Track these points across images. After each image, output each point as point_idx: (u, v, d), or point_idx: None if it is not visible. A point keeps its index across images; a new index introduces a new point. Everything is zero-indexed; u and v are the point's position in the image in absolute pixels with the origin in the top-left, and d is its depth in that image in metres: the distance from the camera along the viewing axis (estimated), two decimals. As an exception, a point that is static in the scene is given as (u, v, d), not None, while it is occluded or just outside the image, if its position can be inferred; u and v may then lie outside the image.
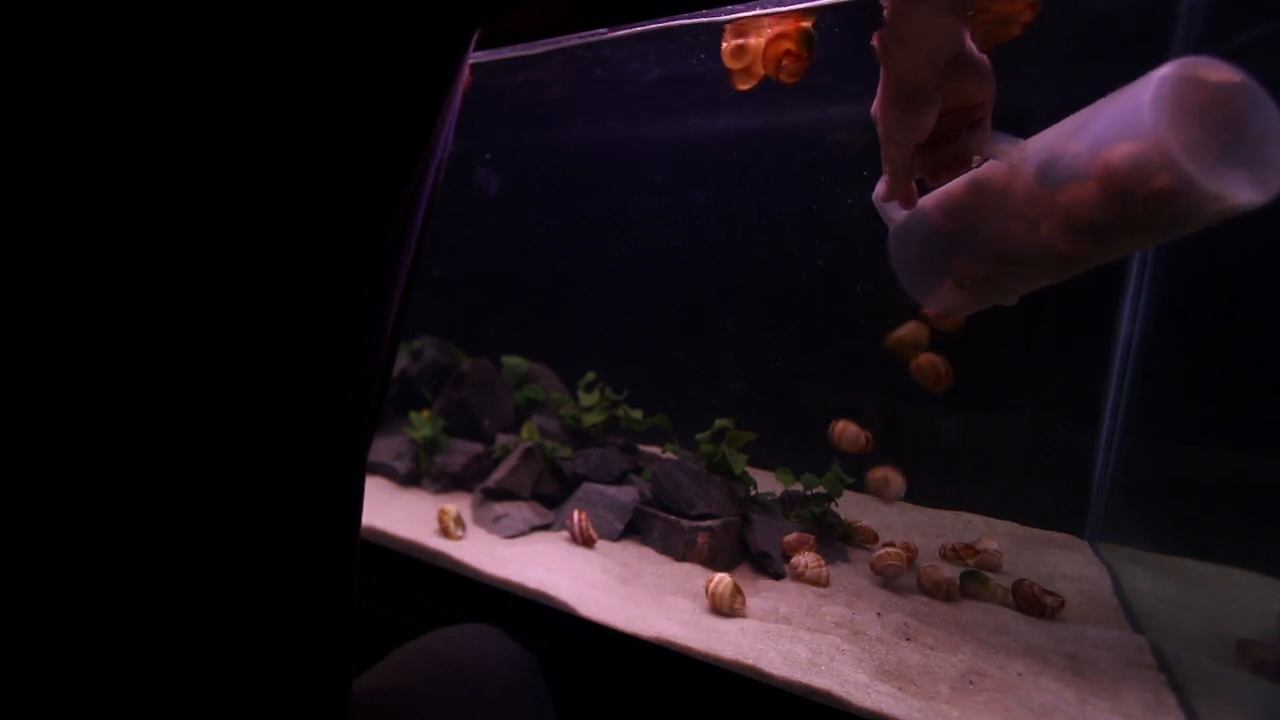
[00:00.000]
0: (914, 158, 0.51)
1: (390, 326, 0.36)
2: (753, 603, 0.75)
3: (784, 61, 0.67)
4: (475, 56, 0.74)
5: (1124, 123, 0.42)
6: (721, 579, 0.74)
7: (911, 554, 0.82)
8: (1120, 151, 0.42)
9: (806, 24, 0.66)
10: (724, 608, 0.72)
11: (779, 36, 0.67)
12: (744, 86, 0.66)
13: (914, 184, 0.54)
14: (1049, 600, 0.72)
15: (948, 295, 0.56)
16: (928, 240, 0.55)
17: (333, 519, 0.33)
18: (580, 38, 0.71)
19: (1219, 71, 0.41)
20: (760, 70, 0.64)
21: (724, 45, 0.66)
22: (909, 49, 0.45)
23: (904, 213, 0.57)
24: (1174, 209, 0.40)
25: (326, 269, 0.29)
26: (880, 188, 0.55)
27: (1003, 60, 0.49)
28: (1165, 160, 0.39)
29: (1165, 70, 0.40)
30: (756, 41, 0.63)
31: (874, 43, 0.47)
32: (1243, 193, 0.39)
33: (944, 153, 0.50)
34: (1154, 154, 0.39)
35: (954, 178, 0.52)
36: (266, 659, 0.31)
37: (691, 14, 0.66)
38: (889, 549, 0.80)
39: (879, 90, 0.49)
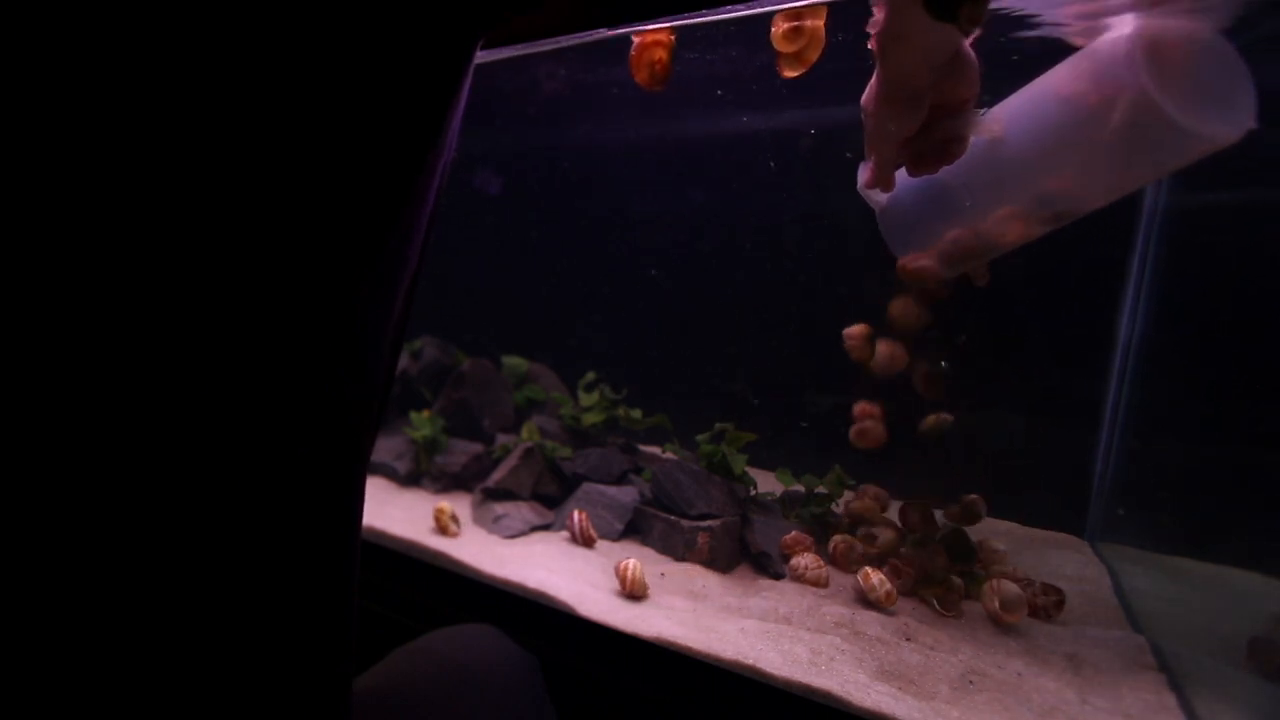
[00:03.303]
0: (898, 149, 0.53)
1: (392, 328, 0.36)
2: (752, 603, 0.75)
3: (656, 69, 0.69)
4: (479, 58, 0.74)
5: (1102, 75, 0.47)
6: (634, 564, 0.77)
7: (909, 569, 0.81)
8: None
9: (671, 35, 0.69)
10: (639, 591, 0.75)
11: (654, 44, 0.69)
12: (792, 73, 0.64)
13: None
14: (1042, 602, 0.72)
15: (943, 259, 0.61)
16: (919, 209, 0.60)
17: (333, 519, 0.33)
18: (580, 38, 0.71)
19: (1183, 25, 0.45)
20: (812, 56, 0.63)
21: (774, 30, 0.64)
22: (908, 50, 0.45)
23: (886, 196, 0.60)
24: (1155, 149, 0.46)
25: (328, 270, 0.29)
26: (865, 176, 0.57)
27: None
28: (1148, 103, 0.44)
29: (1135, 25, 0.45)
30: (813, 24, 0.61)
31: (871, 45, 0.47)
32: (1217, 130, 0.44)
33: (927, 141, 0.51)
34: (1136, 100, 0.45)
35: (937, 167, 0.53)
36: (266, 659, 0.31)
37: (691, 14, 0.65)
38: (806, 557, 0.81)
39: (871, 85, 0.50)
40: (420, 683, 0.44)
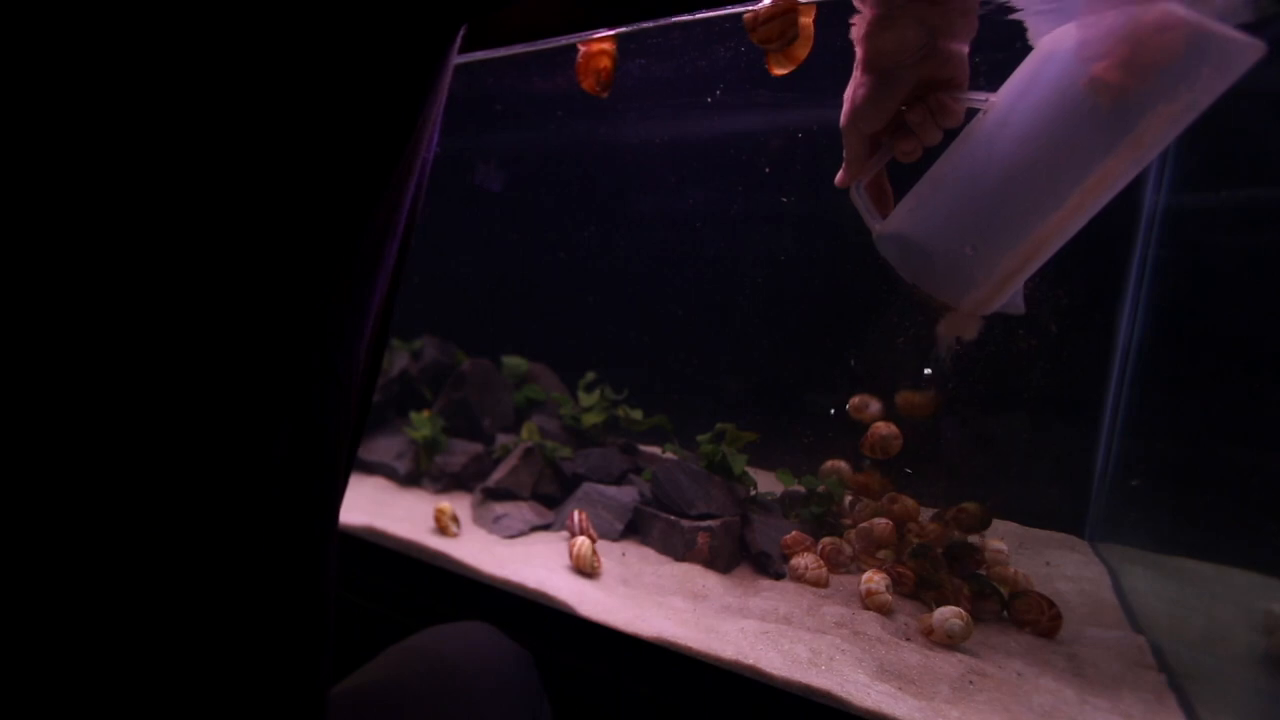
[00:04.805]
0: (877, 141, 0.53)
1: (370, 329, 0.35)
2: (753, 603, 0.75)
3: (601, 76, 0.71)
4: (474, 56, 0.74)
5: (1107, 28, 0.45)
6: (584, 542, 0.82)
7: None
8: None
9: (614, 44, 0.71)
10: (585, 567, 0.80)
11: (599, 53, 0.71)
12: (781, 71, 0.65)
13: (886, 180, 0.56)
14: (1043, 624, 0.71)
15: (994, 278, 0.53)
16: (956, 225, 0.53)
17: (308, 524, 0.32)
18: (580, 38, 0.71)
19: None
20: (801, 54, 0.63)
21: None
22: (888, 35, 0.47)
23: (880, 220, 0.56)
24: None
25: (300, 269, 0.28)
26: (839, 175, 0.56)
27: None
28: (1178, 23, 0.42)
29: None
30: (802, 21, 0.62)
31: (853, 36, 0.48)
32: (1246, 40, 0.42)
33: (917, 114, 0.51)
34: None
35: (919, 140, 0.53)
36: (236, 663, 0.30)
37: (692, 14, 0.65)
38: (806, 557, 0.81)
39: (852, 79, 0.52)
40: (412, 680, 0.44)
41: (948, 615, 0.68)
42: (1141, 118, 0.45)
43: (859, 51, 0.50)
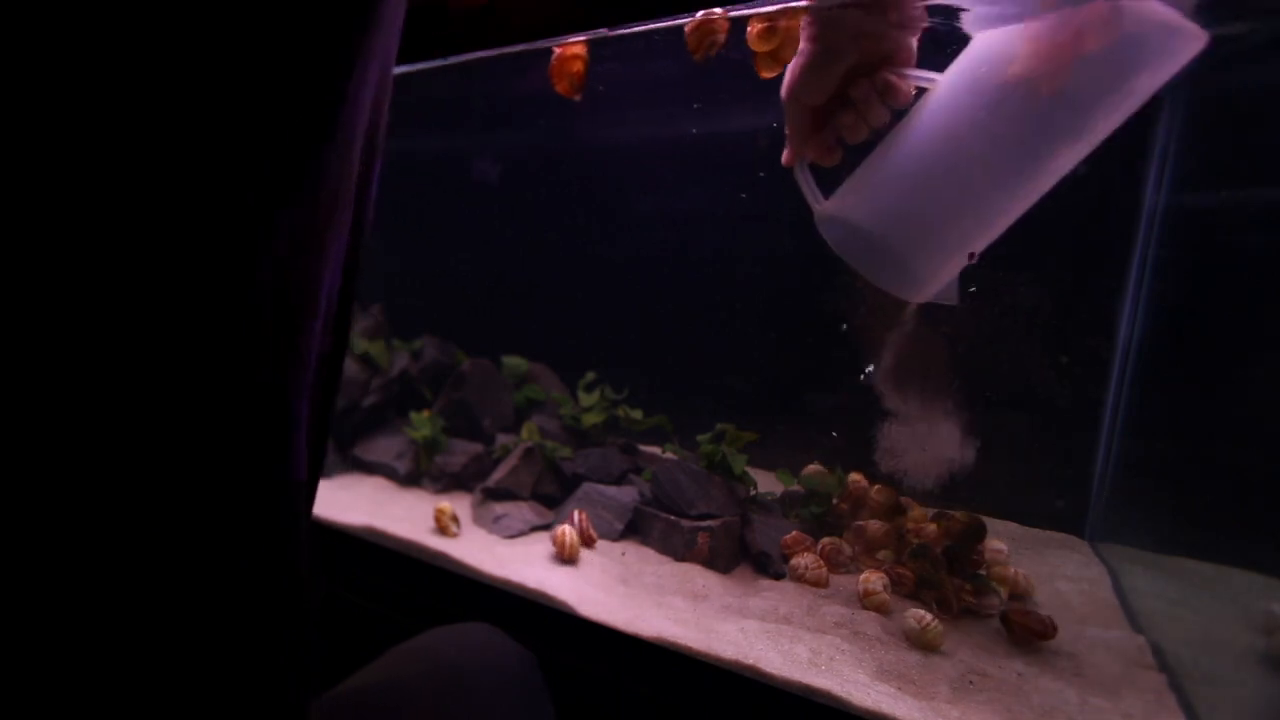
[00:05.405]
0: (821, 117, 0.54)
1: (325, 307, 0.32)
2: (753, 603, 0.75)
3: (574, 79, 0.72)
4: (476, 56, 0.74)
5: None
6: (569, 529, 0.84)
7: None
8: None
9: (585, 49, 0.72)
10: (576, 556, 0.84)
11: (572, 57, 0.72)
12: (769, 74, 0.65)
13: (833, 142, 0.56)
14: (1039, 633, 0.70)
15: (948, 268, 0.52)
16: (895, 210, 0.52)
17: (276, 513, 0.30)
18: (581, 38, 0.71)
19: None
20: (788, 55, 0.64)
21: (750, 29, 0.65)
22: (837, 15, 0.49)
23: (824, 202, 0.56)
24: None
25: (237, 234, 0.26)
26: (785, 154, 0.56)
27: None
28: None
29: None
30: (787, 23, 0.63)
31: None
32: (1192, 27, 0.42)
33: (861, 88, 0.52)
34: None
35: (861, 116, 0.53)
36: (209, 656, 0.28)
37: (693, 14, 0.65)
38: (806, 557, 0.81)
39: (796, 55, 0.53)
40: (414, 680, 0.44)
41: (907, 616, 0.69)
42: (1082, 105, 0.45)
43: (803, 30, 0.52)
